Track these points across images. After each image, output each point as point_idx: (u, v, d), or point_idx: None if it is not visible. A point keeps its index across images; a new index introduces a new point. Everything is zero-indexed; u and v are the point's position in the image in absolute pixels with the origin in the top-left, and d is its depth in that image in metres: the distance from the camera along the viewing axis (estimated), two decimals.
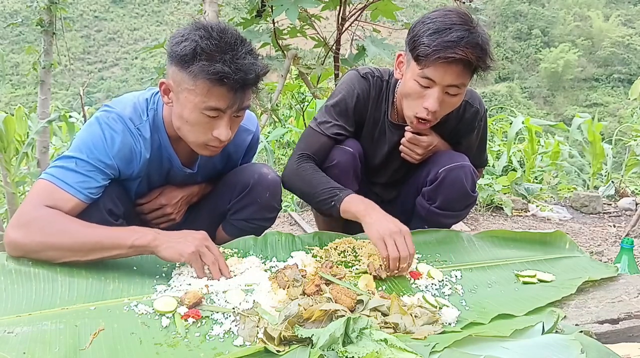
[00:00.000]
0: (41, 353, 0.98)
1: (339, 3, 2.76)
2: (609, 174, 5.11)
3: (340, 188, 1.57)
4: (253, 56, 1.31)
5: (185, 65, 1.27)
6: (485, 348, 1.04)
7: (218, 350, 1.05)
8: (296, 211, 3.58)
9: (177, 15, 14.91)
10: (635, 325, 1.25)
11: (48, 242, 1.22)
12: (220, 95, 1.28)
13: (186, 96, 1.29)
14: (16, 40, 28.70)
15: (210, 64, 1.24)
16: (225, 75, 1.24)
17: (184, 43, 1.27)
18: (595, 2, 38.33)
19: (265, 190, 1.61)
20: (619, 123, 9.81)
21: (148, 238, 1.25)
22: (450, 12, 1.49)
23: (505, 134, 5.62)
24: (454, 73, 1.47)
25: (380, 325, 1.13)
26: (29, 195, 1.30)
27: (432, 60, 1.44)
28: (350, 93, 1.71)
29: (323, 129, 1.70)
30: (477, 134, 1.81)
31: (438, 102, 1.51)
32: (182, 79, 1.29)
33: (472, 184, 1.70)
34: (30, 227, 1.22)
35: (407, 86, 1.56)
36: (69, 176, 1.29)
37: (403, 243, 1.38)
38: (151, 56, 25.96)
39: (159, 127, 1.46)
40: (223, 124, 1.33)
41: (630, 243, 1.70)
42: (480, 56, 1.46)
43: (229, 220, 1.68)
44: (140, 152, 1.42)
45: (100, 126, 1.36)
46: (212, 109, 1.30)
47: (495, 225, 3.28)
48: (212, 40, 1.26)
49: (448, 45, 1.43)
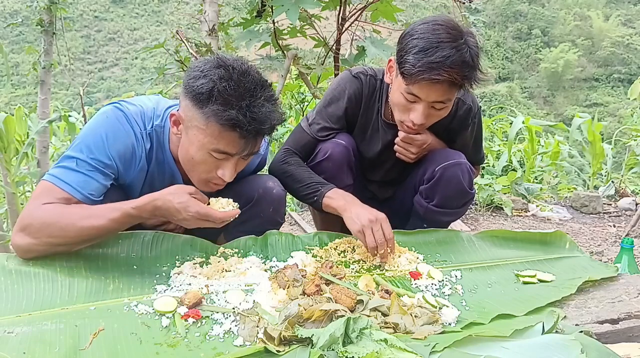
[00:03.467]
0: (41, 353, 0.98)
1: (339, 3, 2.75)
2: (609, 174, 5.12)
3: (322, 184, 1.62)
4: (271, 103, 1.28)
5: (199, 104, 1.24)
6: (485, 348, 1.05)
7: (218, 350, 1.05)
8: (296, 211, 3.58)
9: (177, 15, 14.92)
10: (635, 325, 1.25)
11: (54, 242, 1.22)
12: (230, 141, 1.26)
13: (195, 134, 1.27)
14: (16, 40, 28.68)
15: (225, 110, 1.21)
16: (239, 124, 1.21)
17: (202, 80, 1.23)
18: (595, 2, 38.31)
19: (270, 205, 1.58)
20: (619, 123, 9.82)
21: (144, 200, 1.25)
22: (439, 27, 1.45)
23: (505, 134, 5.63)
24: (438, 91, 1.47)
25: (380, 325, 1.13)
26: (31, 197, 1.30)
27: (417, 79, 1.44)
28: (341, 94, 1.73)
29: (311, 131, 1.74)
30: (472, 131, 1.81)
31: (424, 116, 1.53)
32: (194, 116, 1.26)
33: (469, 181, 1.70)
34: (32, 229, 1.22)
35: (395, 97, 1.58)
36: (69, 176, 1.29)
37: (379, 231, 1.45)
38: (151, 56, 25.95)
39: (164, 145, 1.44)
40: (229, 165, 1.31)
41: (630, 243, 1.70)
42: (466, 74, 1.45)
43: (230, 230, 1.66)
44: (140, 157, 1.41)
45: (105, 123, 1.35)
46: (221, 153, 1.28)
47: (495, 225, 3.28)
48: (231, 83, 1.22)
49: (433, 66, 1.41)
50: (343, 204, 1.54)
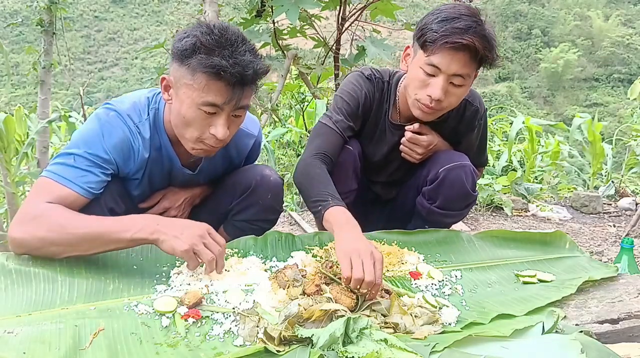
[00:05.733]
0: (41, 353, 0.98)
1: (339, 3, 2.76)
2: (609, 174, 5.11)
3: (334, 197, 1.45)
4: (253, 54, 1.32)
5: (185, 60, 1.28)
6: (485, 348, 1.04)
7: (218, 350, 1.05)
8: (296, 211, 3.58)
9: (177, 15, 14.86)
10: (635, 325, 1.25)
11: (48, 237, 1.22)
12: (217, 90, 1.28)
13: (184, 91, 1.30)
14: (16, 40, 28.69)
15: (208, 57, 1.25)
16: (222, 68, 1.25)
17: (186, 39, 1.29)
18: (595, 2, 38.33)
19: (268, 192, 1.61)
20: (619, 123, 9.82)
21: (147, 232, 1.23)
22: (460, 5, 1.51)
23: (505, 134, 5.62)
24: (460, 61, 1.47)
25: (380, 325, 1.13)
26: (29, 193, 1.30)
27: (440, 45, 1.46)
28: (359, 93, 1.72)
29: (339, 127, 1.68)
30: (477, 133, 1.81)
31: (442, 91, 1.51)
32: (182, 74, 1.30)
33: (473, 184, 1.70)
34: (31, 224, 1.22)
35: (412, 73, 1.57)
36: (67, 172, 1.30)
37: (370, 266, 1.19)
38: (151, 56, 25.95)
39: (159, 127, 1.46)
40: (220, 121, 1.33)
41: (630, 243, 1.70)
42: (487, 46, 1.47)
43: (230, 221, 1.68)
44: (138, 150, 1.42)
45: (98, 122, 1.37)
46: (209, 105, 1.30)
47: (495, 225, 3.28)
48: (213, 36, 1.27)
49: (456, 31, 1.44)
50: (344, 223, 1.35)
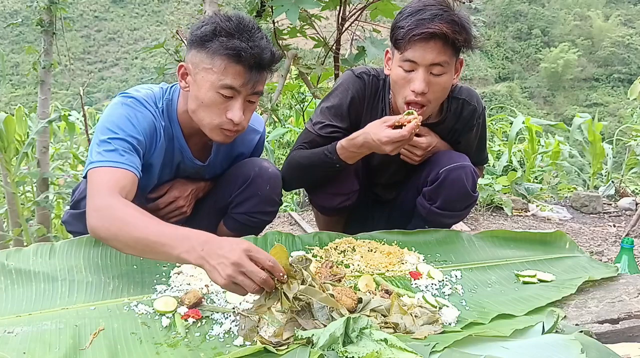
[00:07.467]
0: (41, 353, 0.98)
1: (339, 3, 2.75)
2: (609, 174, 5.11)
3: (326, 147, 1.65)
4: (267, 41, 1.38)
5: (205, 44, 1.34)
6: (485, 348, 1.04)
7: (218, 350, 1.05)
8: (296, 211, 3.58)
9: (177, 15, 14.81)
10: (635, 325, 1.25)
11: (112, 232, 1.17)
12: (235, 73, 1.33)
13: (203, 76, 1.35)
14: (16, 40, 28.68)
15: (229, 40, 1.31)
16: (243, 50, 1.31)
17: (205, 26, 1.36)
18: (595, 2, 38.32)
19: (266, 183, 1.63)
20: (619, 123, 9.82)
21: (193, 256, 1.08)
22: (427, 1, 1.54)
23: (505, 134, 5.62)
24: (433, 50, 1.50)
25: (380, 325, 1.13)
26: (92, 187, 1.27)
27: (409, 39, 1.49)
28: (344, 94, 1.72)
29: (316, 129, 1.73)
30: (476, 132, 1.81)
31: (424, 82, 1.53)
32: (200, 59, 1.35)
33: (473, 184, 1.70)
34: (103, 214, 1.19)
35: (394, 74, 1.59)
36: (115, 156, 1.31)
37: None
38: (151, 56, 25.92)
39: (172, 118, 1.50)
40: (237, 105, 1.37)
41: (630, 243, 1.70)
42: (456, 30, 1.49)
43: (230, 215, 1.69)
44: (160, 134, 1.46)
45: (126, 107, 1.40)
46: (228, 88, 1.34)
47: (495, 225, 3.28)
48: (232, 22, 1.35)
49: (422, 22, 1.48)
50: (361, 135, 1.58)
